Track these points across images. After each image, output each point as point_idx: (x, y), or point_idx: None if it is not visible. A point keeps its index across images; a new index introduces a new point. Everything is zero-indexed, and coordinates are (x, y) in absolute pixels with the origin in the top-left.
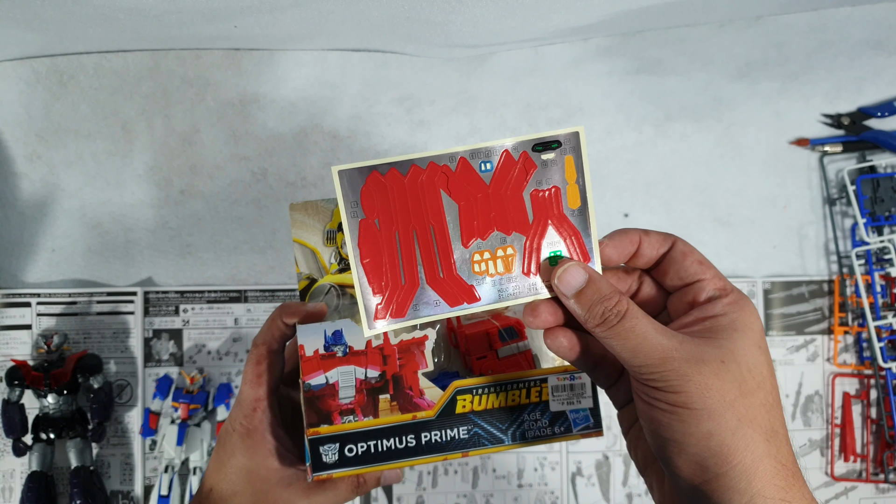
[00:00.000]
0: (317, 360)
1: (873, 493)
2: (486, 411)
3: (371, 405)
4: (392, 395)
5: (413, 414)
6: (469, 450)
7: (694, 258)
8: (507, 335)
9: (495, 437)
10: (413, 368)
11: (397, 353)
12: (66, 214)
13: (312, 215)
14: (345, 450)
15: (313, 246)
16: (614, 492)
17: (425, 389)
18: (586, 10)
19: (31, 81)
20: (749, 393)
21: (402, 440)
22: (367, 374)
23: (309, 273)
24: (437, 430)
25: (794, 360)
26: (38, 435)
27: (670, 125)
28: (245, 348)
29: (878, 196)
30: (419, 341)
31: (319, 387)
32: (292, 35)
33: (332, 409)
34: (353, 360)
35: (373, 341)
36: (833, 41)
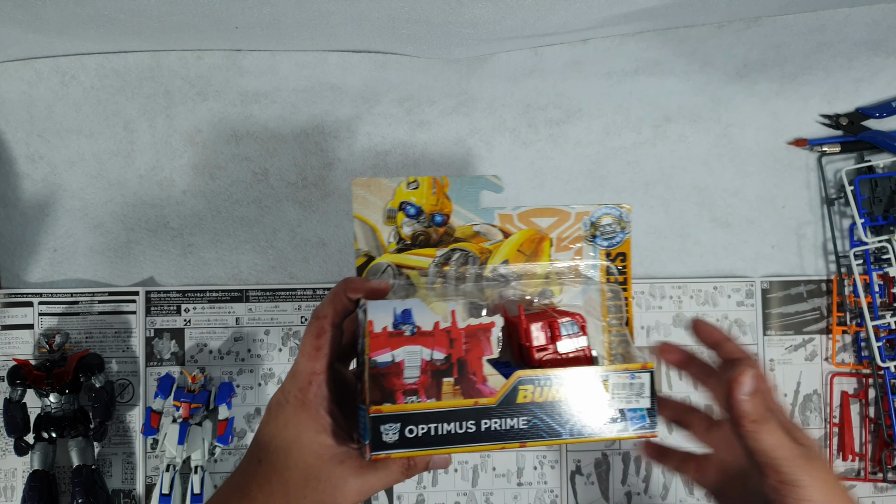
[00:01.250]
0: (385, 338)
1: (872, 492)
2: (547, 403)
3: (435, 387)
4: (456, 378)
5: (475, 400)
6: (527, 440)
7: None
8: (568, 328)
9: (553, 430)
10: (478, 354)
11: (464, 336)
12: (68, 214)
13: (375, 192)
14: (405, 430)
15: (373, 223)
16: (613, 490)
17: (488, 376)
18: (586, 10)
19: (33, 82)
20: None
21: (462, 425)
22: (433, 355)
23: (367, 250)
24: (498, 419)
25: (793, 359)
26: (39, 434)
27: (669, 126)
28: (246, 348)
29: (876, 196)
30: (486, 327)
31: (385, 364)
32: (293, 36)
33: (395, 388)
34: (420, 340)
35: (441, 323)
36: (831, 42)
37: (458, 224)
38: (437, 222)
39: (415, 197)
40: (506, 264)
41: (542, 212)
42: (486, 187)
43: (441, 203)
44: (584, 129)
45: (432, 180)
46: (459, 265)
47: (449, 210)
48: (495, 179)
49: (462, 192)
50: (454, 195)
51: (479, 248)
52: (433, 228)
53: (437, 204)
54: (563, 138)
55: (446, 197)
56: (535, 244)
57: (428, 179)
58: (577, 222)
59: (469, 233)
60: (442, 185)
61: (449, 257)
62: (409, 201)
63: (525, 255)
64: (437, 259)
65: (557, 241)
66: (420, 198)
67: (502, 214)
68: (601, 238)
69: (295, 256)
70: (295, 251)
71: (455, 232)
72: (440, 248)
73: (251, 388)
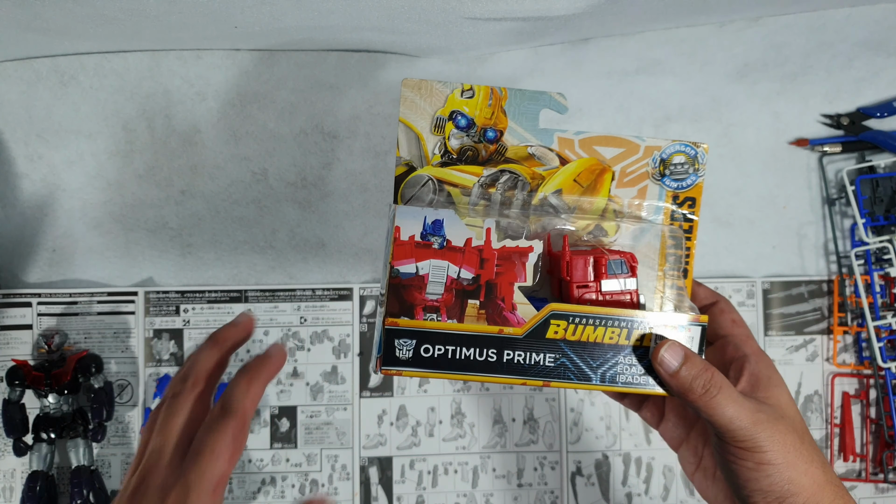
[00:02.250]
0: (411, 247)
1: (873, 492)
2: (580, 343)
3: (458, 308)
4: (482, 302)
5: (500, 328)
6: (552, 380)
7: (730, 317)
8: (616, 268)
9: (583, 373)
10: (510, 279)
11: (497, 258)
12: (67, 214)
13: (425, 96)
14: (421, 349)
15: (419, 130)
16: (614, 491)
17: (518, 304)
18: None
19: (31, 82)
20: (802, 437)
21: (483, 353)
22: (460, 273)
23: (409, 159)
24: (522, 352)
25: (794, 359)
26: (38, 435)
27: (670, 125)
28: (245, 348)
29: (877, 196)
30: (523, 251)
31: (408, 276)
32: (292, 35)
33: (416, 303)
34: (448, 255)
35: (473, 240)
36: (832, 42)
37: (512, 143)
38: (489, 138)
39: (468, 107)
40: (558, 194)
41: (607, 140)
42: (548, 105)
43: (496, 117)
44: (585, 128)
45: (490, 90)
46: (507, 189)
47: (504, 126)
48: (560, 98)
49: (521, 107)
50: (511, 110)
51: (531, 172)
52: (483, 144)
53: (492, 118)
54: None
55: (503, 111)
56: (594, 176)
57: (485, 89)
58: (646, 157)
59: (522, 154)
60: (500, 97)
61: (496, 178)
62: (462, 111)
63: (581, 187)
64: (483, 179)
65: (620, 175)
66: (474, 108)
67: (562, 138)
68: (670, 178)
69: (294, 257)
70: (294, 251)
71: (507, 151)
72: (488, 167)
73: None
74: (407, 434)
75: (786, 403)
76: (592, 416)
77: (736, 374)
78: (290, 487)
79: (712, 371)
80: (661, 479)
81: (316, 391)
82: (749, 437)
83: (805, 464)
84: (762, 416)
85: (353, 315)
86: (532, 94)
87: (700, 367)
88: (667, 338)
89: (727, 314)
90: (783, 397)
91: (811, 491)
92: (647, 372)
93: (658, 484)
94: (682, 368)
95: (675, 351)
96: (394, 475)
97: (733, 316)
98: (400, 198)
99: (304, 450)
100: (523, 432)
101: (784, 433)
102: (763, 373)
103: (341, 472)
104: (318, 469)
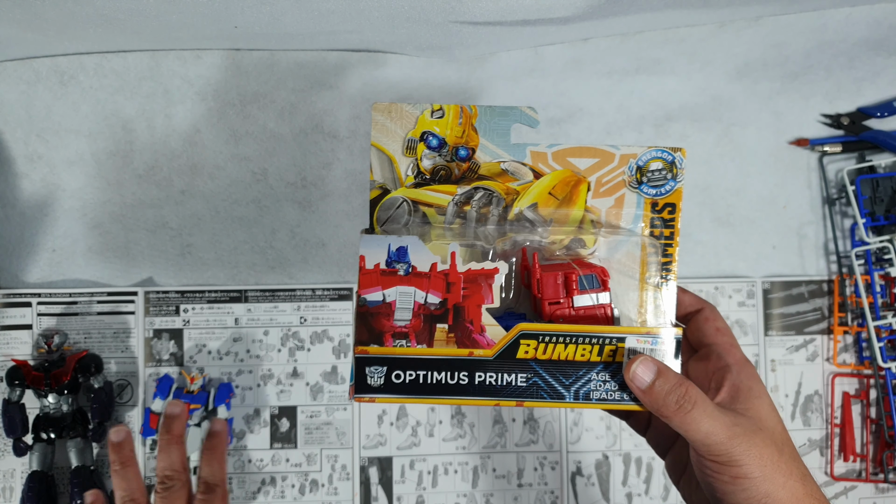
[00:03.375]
0: (376, 275)
1: (873, 492)
2: (551, 362)
3: (427, 333)
4: (451, 325)
5: (470, 350)
6: (525, 399)
7: (714, 325)
8: (587, 283)
9: (556, 391)
10: (477, 301)
11: (463, 281)
12: (67, 214)
13: (396, 119)
14: (392, 375)
15: (391, 153)
16: (614, 491)
17: (487, 326)
18: (586, 10)
19: (31, 81)
20: (781, 451)
21: (455, 376)
22: (427, 298)
23: (383, 182)
24: (494, 373)
25: (794, 359)
26: (38, 435)
27: (670, 125)
28: (245, 348)
29: (877, 196)
30: (489, 273)
31: (375, 303)
32: (292, 35)
33: (384, 330)
34: (414, 281)
35: (438, 265)
36: (832, 41)
37: (484, 160)
38: (462, 157)
39: (438, 127)
40: (534, 208)
41: (581, 151)
42: (519, 120)
43: (467, 135)
44: (585, 128)
45: (459, 109)
46: (482, 205)
47: (475, 144)
48: (531, 112)
49: (492, 124)
50: (482, 127)
51: (505, 187)
52: (456, 163)
53: (463, 136)
54: (564, 137)
55: (473, 129)
56: (569, 188)
57: (455, 108)
58: (622, 165)
59: (495, 170)
60: (470, 115)
61: (471, 196)
62: (432, 131)
63: (557, 200)
64: (457, 197)
65: (596, 185)
66: (444, 128)
67: (535, 152)
68: (648, 185)
69: (294, 257)
70: (294, 251)
71: (480, 168)
72: (462, 185)
73: (250, 389)
74: (407, 434)
75: (766, 415)
76: (592, 416)
77: (717, 385)
78: (290, 487)
79: (686, 385)
80: (662, 479)
81: (316, 391)
82: (725, 451)
83: (783, 477)
84: (739, 429)
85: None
86: (502, 110)
87: (673, 381)
88: (639, 352)
89: (711, 322)
90: (763, 409)
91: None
92: (622, 387)
93: (658, 484)
94: (655, 384)
95: (647, 366)
96: (394, 475)
97: (718, 324)
98: (376, 221)
99: (304, 450)
100: (523, 432)
101: (761, 446)
102: (744, 383)
103: (341, 472)
104: (318, 469)
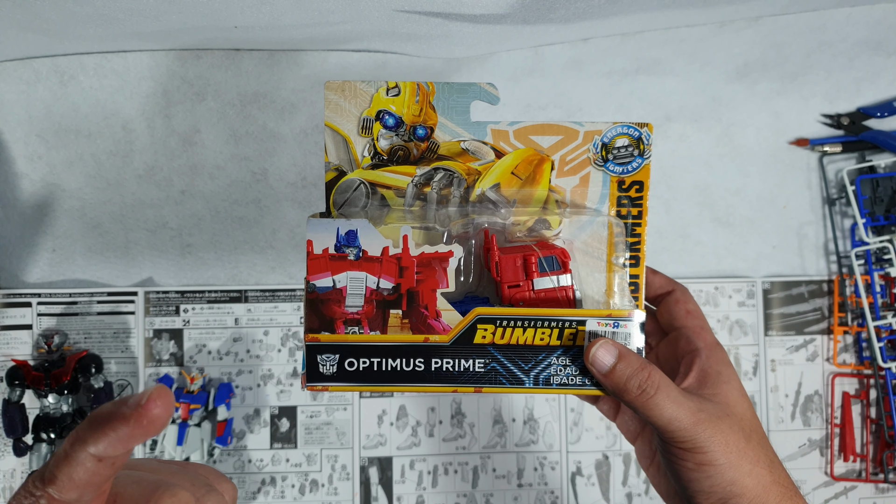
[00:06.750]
0: (325, 261)
1: (873, 492)
2: (509, 346)
3: (380, 319)
4: (405, 311)
5: (426, 336)
6: (483, 386)
7: (685, 307)
8: (546, 265)
9: (515, 376)
10: (432, 286)
11: (416, 265)
12: (67, 214)
13: (349, 98)
14: (345, 363)
15: (346, 133)
16: (614, 491)
17: (443, 311)
18: (586, 10)
19: (31, 81)
20: (748, 437)
21: (410, 363)
22: (379, 284)
23: (338, 164)
24: (451, 359)
25: (794, 359)
26: (38, 435)
27: (670, 125)
28: (245, 348)
29: (877, 196)
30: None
31: (325, 290)
32: (292, 35)
33: (336, 317)
34: (365, 266)
35: (390, 249)
36: (832, 41)
37: (444, 139)
38: (420, 136)
39: (395, 105)
40: (496, 188)
41: (544, 128)
42: (479, 97)
43: (425, 113)
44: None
45: (416, 86)
46: (442, 187)
47: (434, 122)
48: (490, 88)
49: (450, 101)
50: (441, 105)
51: (466, 168)
52: (414, 143)
53: (421, 114)
54: None
55: (431, 107)
56: (532, 167)
57: (411, 85)
58: (587, 142)
59: (455, 150)
60: (427, 92)
61: (431, 177)
62: (388, 110)
63: (520, 179)
64: (416, 179)
65: (560, 163)
66: (401, 106)
67: (496, 130)
68: (614, 163)
69: (294, 257)
70: (294, 251)
71: (439, 148)
72: (421, 165)
73: (250, 389)
74: (407, 434)
75: (734, 400)
76: (592, 416)
77: (685, 369)
78: (290, 487)
79: (649, 370)
80: None
81: (316, 391)
82: (689, 437)
83: (749, 464)
84: (703, 415)
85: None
86: (460, 87)
87: (635, 365)
88: (600, 335)
89: (682, 304)
90: (731, 394)
91: (755, 492)
92: (583, 372)
93: None
94: (617, 367)
95: (607, 349)
96: (394, 475)
97: (688, 306)
98: (332, 204)
99: (304, 450)
100: (523, 432)
101: (727, 432)
102: (713, 368)
103: (341, 473)
104: (318, 469)
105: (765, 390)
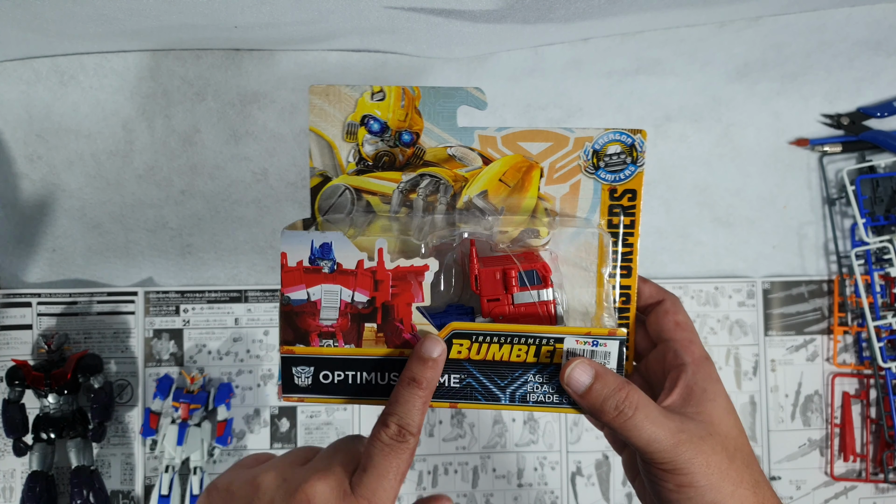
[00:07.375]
0: (299, 273)
1: (873, 492)
2: (485, 363)
3: (354, 332)
4: (379, 325)
5: (400, 350)
6: (458, 401)
7: (674, 318)
8: (527, 279)
9: (491, 393)
10: (407, 300)
11: (392, 279)
12: (67, 214)
13: (334, 103)
14: (319, 375)
15: (331, 139)
16: (614, 491)
17: (418, 325)
18: (586, 10)
19: (31, 81)
20: (732, 457)
21: (385, 377)
22: (354, 297)
23: (323, 169)
24: None
25: (794, 359)
26: (38, 435)
27: (670, 125)
28: (245, 348)
29: (877, 196)
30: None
31: (299, 302)
32: (292, 35)
33: (310, 329)
34: (340, 279)
35: (365, 262)
36: (832, 41)
37: (430, 145)
38: (405, 141)
39: (380, 110)
40: (483, 195)
41: (533, 135)
42: (465, 102)
43: (411, 119)
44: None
45: (401, 91)
46: (428, 193)
47: (420, 128)
48: (478, 93)
49: (436, 106)
50: (426, 110)
51: (452, 174)
52: (400, 148)
53: (406, 120)
54: None
55: (417, 112)
56: (521, 174)
57: (396, 90)
58: (577, 149)
59: (442, 156)
60: (413, 97)
61: (417, 183)
62: (373, 115)
63: (508, 187)
64: (402, 185)
65: (550, 170)
66: (386, 111)
67: (483, 136)
68: (605, 170)
69: None
70: None
71: (425, 154)
72: (407, 172)
73: (250, 389)
74: None
75: (718, 419)
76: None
77: (671, 385)
78: None
79: (627, 389)
80: None
81: None
82: (669, 459)
83: (732, 485)
84: (684, 435)
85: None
86: (447, 91)
87: (612, 385)
88: (577, 355)
89: (671, 315)
90: (716, 412)
91: None
92: (560, 390)
93: None
94: (594, 387)
95: (583, 369)
96: None
97: (678, 318)
98: (317, 210)
99: None
100: (523, 432)
101: (709, 453)
102: (699, 385)
103: None
104: None
105: (765, 390)
